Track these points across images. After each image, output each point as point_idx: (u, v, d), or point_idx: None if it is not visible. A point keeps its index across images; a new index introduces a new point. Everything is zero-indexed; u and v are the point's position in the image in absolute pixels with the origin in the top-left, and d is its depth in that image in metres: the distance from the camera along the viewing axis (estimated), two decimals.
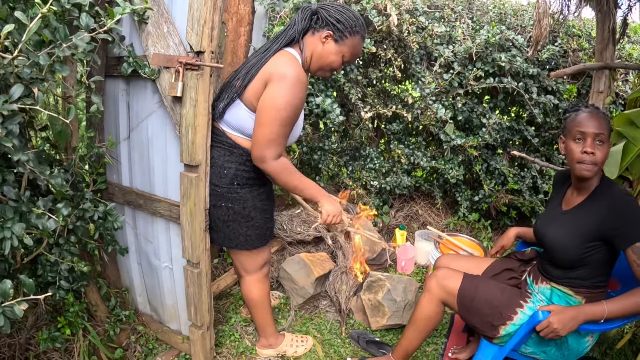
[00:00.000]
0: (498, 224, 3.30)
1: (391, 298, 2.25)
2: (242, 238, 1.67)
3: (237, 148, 1.56)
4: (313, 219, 2.72)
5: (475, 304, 1.59)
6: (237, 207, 1.60)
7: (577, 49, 2.81)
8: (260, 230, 1.69)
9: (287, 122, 1.45)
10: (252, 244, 1.70)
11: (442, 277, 1.68)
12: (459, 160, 2.93)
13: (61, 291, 1.46)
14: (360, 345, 2.18)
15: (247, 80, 1.47)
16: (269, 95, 1.41)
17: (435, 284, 1.68)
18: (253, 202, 1.63)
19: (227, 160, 1.56)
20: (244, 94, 1.49)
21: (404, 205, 3.34)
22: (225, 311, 2.34)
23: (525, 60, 2.62)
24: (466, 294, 1.62)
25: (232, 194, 1.58)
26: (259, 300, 1.89)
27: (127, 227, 1.89)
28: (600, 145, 1.41)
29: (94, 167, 1.75)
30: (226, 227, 1.63)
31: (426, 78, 2.64)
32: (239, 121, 1.52)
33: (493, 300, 1.58)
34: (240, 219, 1.63)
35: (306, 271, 2.39)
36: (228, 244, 1.68)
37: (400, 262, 2.82)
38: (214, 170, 1.57)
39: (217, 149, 1.57)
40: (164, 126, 1.61)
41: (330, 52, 1.53)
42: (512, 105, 3.00)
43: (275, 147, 1.45)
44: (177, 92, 1.39)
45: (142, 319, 2.07)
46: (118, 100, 1.76)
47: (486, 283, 1.65)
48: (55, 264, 1.40)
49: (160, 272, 1.86)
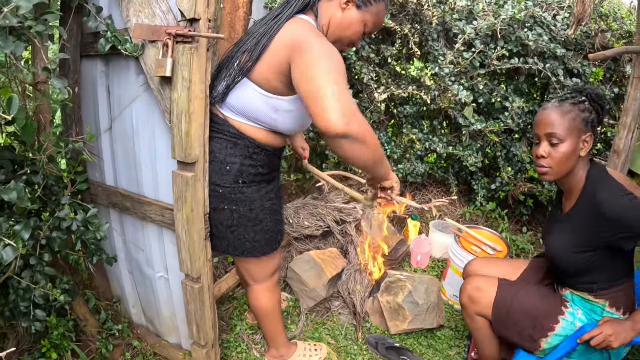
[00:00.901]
0: (513, 213, 3.09)
1: (412, 300, 2.03)
2: (249, 244, 1.43)
3: (241, 138, 1.30)
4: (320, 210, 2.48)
5: (512, 316, 1.43)
6: (242, 209, 1.36)
7: (604, 30, 2.54)
8: (269, 234, 1.46)
9: (344, 80, 1.12)
10: (260, 250, 1.46)
11: (474, 289, 1.50)
12: (477, 146, 2.69)
13: (36, 323, 1.22)
14: (379, 352, 1.98)
15: (257, 53, 1.20)
16: (307, 65, 1.10)
17: (467, 299, 1.51)
18: (261, 203, 1.39)
19: (229, 154, 1.31)
20: (253, 70, 1.22)
21: (415, 194, 3.11)
22: (228, 318, 2.11)
23: (551, 40, 2.37)
24: (501, 306, 1.45)
25: (236, 195, 1.34)
26: (269, 309, 1.67)
27: (114, 232, 1.64)
28: (555, 145, 1.32)
29: (70, 166, 1.49)
30: (230, 233, 1.39)
31: (446, 57, 2.37)
32: (247, 104, 1.25)
33: (532, 311, 1.42)
34: (247, 223, 1.38)
35: (317, 271, 2.16)
36: (232, 251, 1.44)
37: (415, 257, 2.61)
38: (214, 167, 1.32)
39: (217, 140, 1.31)
40: (151, 114, 1.34)
41: (352, 21, 1.28)
42: (533, 88, 2.75)
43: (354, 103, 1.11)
44: (165, 71, 1.12)
45: (138, 332, 1.84)
46: (96, 85, 1.49)
47: (524, 290, 1.48)
48: (27, 290, 1.15)
49: (155, 282, 1.63)
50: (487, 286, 1.49)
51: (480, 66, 2.47)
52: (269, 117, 1.27)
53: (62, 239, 1.32)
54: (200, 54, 1.13)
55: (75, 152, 1.50)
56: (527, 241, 2.91)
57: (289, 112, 1.27)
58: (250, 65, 1.21)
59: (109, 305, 1.82)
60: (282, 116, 1.27)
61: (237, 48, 1.29)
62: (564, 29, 2.41)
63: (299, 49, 1.12)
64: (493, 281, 1.51)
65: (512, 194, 2.87)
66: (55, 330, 1.46)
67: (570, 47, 2.50)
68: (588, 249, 1.33)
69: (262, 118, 1.27)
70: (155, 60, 1.16)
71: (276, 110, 1.25)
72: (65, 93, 1.05)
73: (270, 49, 1.19)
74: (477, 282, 1.52)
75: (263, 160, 1.35)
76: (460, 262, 2.22)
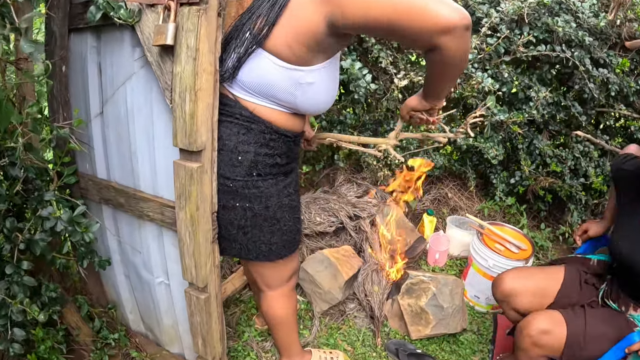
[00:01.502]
0: (531, 209, 2.92)
1: (437, 304, 1.86)
2: (265, 247, 1.23)
3: (256, 122, 1.10)
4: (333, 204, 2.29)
5: (585, 352, 1.27)
6: (257, 206, 1.16)
7: (632, 19, 2.37)
8: (288, 235, 1.26)
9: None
10: (277, 254, 1.27)
11: (540, 333, 1.31)
12: (499, 138, 2.51)
13: (15, 345, 1.03)
14: (400, 358, 1.81)
15: (274, 15, 0.98)
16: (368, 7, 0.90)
17: (531, 344, 1.33)
18: (279, 199, 1.19)
19: (242, 142, 1.11)
20: (269, 37, 1.01)
21: (431, 187, 2.93)
22: (235, 323, 1.93)
23: (578, 28, 2.20)
24: (574, 345, 1.28)
25: (250, 190, 1.14)
26: (283, 318, 1.49)
27: (107, 232, 1.45)
28: None
29: (56, 156, 1.30)
30: (242, 234, 1.19)
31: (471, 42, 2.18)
32: (262, 79, 1.06)
33: (604, 341, 1.28)
34: (263, 223, 1.19)
35: (332, 272, 1.98)
36: (245, 255, 1.24)
37: (432, 255, 2.43)
38: (223, 157, 1.12)
39: (227, 125, 1.11)
40: (149, 93, 1.14)
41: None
42: (556, 79, 2.58)
43: None
44: (166, 38, 0.92)
45: (136, 341, 1.66)
46: (86, 62, 1.30)
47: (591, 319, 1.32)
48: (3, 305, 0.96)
49: (154, 288, 1.44)
50: (556, 327, 1.30)
51: (504, 53, 2.29)
52: (289, 93, 1.07)
53: (46, 241, 1.13)
54: (209, 17, 0.93)
55: (62, 140, 1.31)
56: (546, 238, 2.75)
57: (310, 86, 1.08)
58: (266, 31, 1.00)
59: (103, 312, 1.63)
60: (304, 91, 1.08)
61: (249, 14, 1.07)
62: (590, 16, 2.24)
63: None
64: (559, 318, 1.32)
65: (532, 189, 2.71)
66: (42, 344, 1.28)
67: (596, 36, 2.33)
68: None
69: (281, 95, 1.08)
70: (155, 27, 0.96)
71: (298, 84, 1.06)
72: (38, 60, 0.84)
73: (291, 8, 0.98)
74: (542, 323, 1.32)
75: (281, 148, 1.17)
76: (484, 260, 2.06)
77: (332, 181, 2.60)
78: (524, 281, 1.51)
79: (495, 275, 2.01)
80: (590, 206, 2.71)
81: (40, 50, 0.87)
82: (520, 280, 1.51)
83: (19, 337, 1.04)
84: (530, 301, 1.49)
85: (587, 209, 2.73)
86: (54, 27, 1.29)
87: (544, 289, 1.48)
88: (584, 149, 2.53)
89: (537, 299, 1.48)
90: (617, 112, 2.47)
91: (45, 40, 1.33)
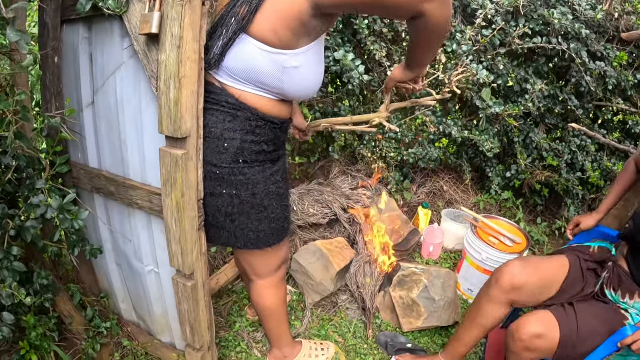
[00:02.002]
0: (527, 203, 2.92)
1: (428, 296, 1.87)
2: (253, 234, 1.25)
3: (242, 109, 1.12)
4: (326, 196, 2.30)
5: (578, 349, 1.27)
6: (244, 193, 1.17)
7: (630, 12, 2.35)
8: (276, 222, 1.28)
9: None
10: (265, 241, 1.28)
11: (533, 337, 1.28)
12: (494, 130, 2.51)
13: (4, 328, 1.05)
14: (388, 352, 1.82)
15: (257, 1, 1.00)
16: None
17: (523, 349, 1.30)
18: (265, 186, 1.20)
19: (228, 129, 1.12)
20: (252, 22, 1.02)
21: (426, 180, 2.93)
22: (227, 313, 1.95)
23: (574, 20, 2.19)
24: (568, 345, 1.27)
25: (236, 176, 1.16)
26: (273, 308, 1.50)
27: (99, 220, 1.46)
28: None
29: (48, 145, 1.31)
30: (230, 221, 1.21)
31: (465, 33, 2.17)
32: (248, 64, 1.06)
33: (596, 337, 1.26)
34: (250, 210, 1.20)
35: (324, 263, 1.99)
36: (233, 243, 1.26)
37: (426, 247, 2.44)
38: (210, 144, 1.13)
39: (213, 112, 1.12)
40: (138, 83, 1.16)
41: None
42: (552, 71, 2.57)
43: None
44: (151, 27, 0.94)
45: (128, 330, 1.68)
46: (78, 53, 1.31)
47: (582, 316, 1.30)
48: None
49: (144, 277, 1.46)
50: (548, 330, 1.27)
51: (499, 45, 2.28)
52: (275, 77, 1.08)
53: (36, 228, 1.15)
54: (193, 6, 0.94)
55: (54, 129, 1.32)
56: (542, 232, 2.76)
57: (296, 70, 1.09)
58: (249, 16, 1.01)
59: (95, 300, 1.65)
60: (290, 75, 1.09)
61: (234, 1, 1.08)
62: (587, 8, 2.22)
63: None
64: (551, 320, 1.29)
65: (528, 183, 2.70)
66: (33, 331, 1.29)
67: (593, 29, 2.32)
68: None
69: (268, 80, 1.09)
70: (141, 16, 0.97)
71: (283, 68, 1.07)
72: (24, 49, 0.85)
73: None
74: (534, 326, 1.28)
75: (267, 135, 1.17)
76: (477, 253, 2.07)
77: (327, 173, 2.61)
78: (534, 270, 1.45)
79: (488, 268, 2.02)
80: (587, 200, 2.70)
81: (27, 40, 0.88)
82: (531, 269, 1.45)
83: (8, 320, 1.06)
84: (534, 293, 1.45)
85: (584, 204, 2.72)
86: (46, 19, 1.30)
87: (553, 278, 1.43)
88: (581, 142, 2.52)
89: (541, 290, 1.44)
90: (615, 106, 2.45)
91: (38, 31, 1.34)
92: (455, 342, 1.59)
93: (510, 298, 1.49)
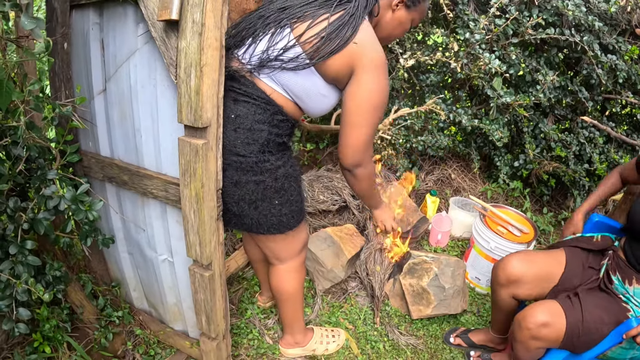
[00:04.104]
0: (534, 193, 2.92)
1: (438, 285, 1.87)
2: (275, 219, 1.27)
3: (271, 104, 1.16)
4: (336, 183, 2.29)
5: (583, 338, 1.27)
6: (268, 180, 1.21)
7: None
8: (295, 204, 1.31)
9: (380, 117, 1.21)
10: (287, 225, 1.32)
11: (539, 327, 1.29)
12: (504, 120, 2.48)
13: (20, 325, 1.03)
14: None
15: (331, 48, 1.08)
16: (366, 90, 1.13)
17: (530, 337, 1.31)
18: (285, 170, 1.24)
19: (258, 121, 1.15)
20: (324, 64, 1.11)
21: (434, 168, 2.91)
22: (238, 301, 1.95)
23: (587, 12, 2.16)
24: (574, 335, 1.28)
25: (263, 165, 1.19)
26: (291, 292, 1.53)
27: (111, 210, 1.44)
28: None
29: (59, 134, 1.28)
30: (254, 209, 1.23)
31: (479, 22, 2.13)
32: (306, 89, 1.17)
33: (602, 328, 1.27)
34: (273, 195, 1.23)
35: (335, 250, 1.99)
36: (256, 230, 1.28)
37: (435, 235, 2.44)
38: (240, 135, 1.15)
39: (244, 104, 1.14)
40: (153, 70, 1.12)
41: (401, 20, 1.28)
42: (563, 63, 2.54)
43: (371, 148, 1.25)
44: (171, 13, 0.90)
45: (140, 318, 1.68)
46: (88, 39, 1.27)
47: (587, 306, 1.31)
48: (8, 285, 0.96)
49: (158, 266, 1.45)
50: (555, 319, 1.28)
51: (512, 35, 2.25)
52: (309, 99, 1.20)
53: (49, 220, 1.13)
54: None
55: (64, 118, 1.29)
56: (548, 222, 2.76)
57: (325, 97, 1.22)
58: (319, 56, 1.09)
59: (107, 290, 1.64)
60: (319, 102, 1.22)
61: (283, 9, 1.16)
62: (601, 1, 2.18)
63: (364, 67, 1.11)
64: (557, 310, 1.30)
65: (535, 173, 2.69)
66: (47, 323, 1.29)
67: (606, 21, 2.28)
68: None
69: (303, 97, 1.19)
70: (159, 1, 0.94)
71: (323, 95, 1.20)
72: (39, 36, 0.82)
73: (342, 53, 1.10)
74: (541, 315, 1.29)
75: (287, 130, 1.24)
76: (486, 242, 2.06)
77: (336, 159, 2.59)
78: (530, 265, 1.48)
79: (497, 257, 2.02)
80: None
81: (42, 27, 0.85)
82: (527, 264, 1.49)
83: (25, 316, 1.05)
84: (534, 287, 1.48)
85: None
86: (55, 4, 1.26)
87: (549, 272, 1.46)
88: (589, 134, 2.51)
89: (541, 283, 1.47)
90: (624, 99, 2.43)
91: (47, 17, 1.30)
92: (493, 320, 1.72)
93: (510, 292, 1.53)
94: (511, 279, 1.50)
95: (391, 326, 1.91)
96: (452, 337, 1.86)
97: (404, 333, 1.89)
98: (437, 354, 1.83)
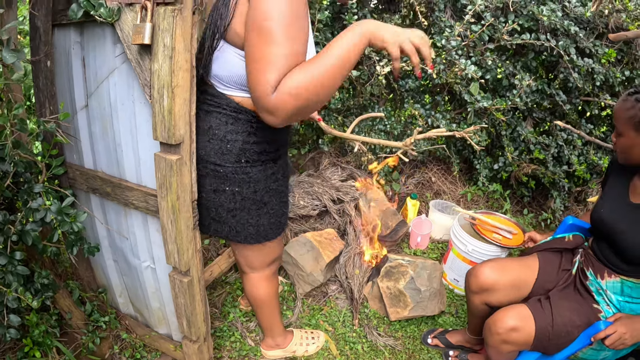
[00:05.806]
0: (514, 194, 3.00)
1: (414, 287, 1.95)
2: (253, 229, 1.30)
3: (243, 112, 1.14)
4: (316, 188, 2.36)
5: (554, 341, 1.34)
6: (246, 191, 1.23)
7: (620, 10, 2.38)
8: (274, 217, 1.34)
9: (293, 35, 0.92)
10: (264, 236, 1.34)
11: (509, 331, 1.35)
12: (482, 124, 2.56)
13: (11, 330, 1.10)
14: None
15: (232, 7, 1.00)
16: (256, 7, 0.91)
17: (500, 342, 1.37)
18: (266, 184, 1.25)
19: (230, 131, 1.15)
20: (228, 30, 1.02)
21: (415, 172, 2.99)
22: (221, 304, 2.02)
23: (563, 17, 2.24)
24: (544, 337, 1.34)
25: (239, 175, 1.20)
26: (265, 299, 1.58)
27: (96, 220, 1.51)
28: (618, 135, 1.33)
29: (44, 149, 1.34)
30: (231, 217, 1.26)
31: (454, 29, 2.21)
32: (231, 71, 1.07)
33: (573, 331, 1.33)
34: (251, 206, 1.26)
35: (314, 255, 2.06)
36: (234, 237, 1.31)
37: (414, 238, 2.52)
38: (214, 145, 1.17)
39: (216, 115, 1.15)
40: (131, 88, 1.19)
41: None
42: (541, 67, 2.62)
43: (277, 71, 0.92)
44: (144, 38, 0.97)
45: (126, 323, 1.74)
46: (70, 57, 1.33)
47: (557, 309, 1.37)
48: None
49: (141, 272, 1.51)
50: (524, 323, 1.34)
51: (488, 41, 2.33)
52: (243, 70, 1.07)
53: (37, 231, 1.19)
54: (184, 17, 0.97)
55: (49, 133, 1.35)
56: (529, 224, 2.84)
57: None
58: (225, 22, 1.01)
59: (94, 296, 1.70)
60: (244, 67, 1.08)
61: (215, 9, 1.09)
62: (577, 6, 2.26)
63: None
64: (526, 314, 1.36)
65: (515, 175, 2.78)
66: (36, 329, 1.35)
67: (582, 25, 2.36)
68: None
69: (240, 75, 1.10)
70: (133, 26, 1.01)
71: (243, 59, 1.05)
72: (19, 69, 0.89)
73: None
74: (510, 320, 1.34)
75: (268, 136, 1.20)
76: (463, 245, 2.14)
77: (317, 164, 2.66)
78: (502, 273, 1.52)
79: (474, 260, 2.09)
80: (572, 193, 2.77)
81: (22, 58, 0.91)
82: (499, 272, 1.52)
83: (15, 322, 1.11)
84: (506, 294, 1.52)
85: (570, 196, 2.79)
86: (38, 23, 1.32)
87: (522, 280, 1.51)
88: (568, 136, 2.57)
89: (514, 291, 1.52)
90: (603, 101, 2.49)
91: (30, 35, 1.36)
92: (469, 323, 1.77)
93: (482, 299, 1.57)
94: (483, 287, 1.54)
95: (370, 328, 1.98)
96: (430, 337, 1.93)
97: (383, 334, 1.96)
98: (415, 354, 1.90)
